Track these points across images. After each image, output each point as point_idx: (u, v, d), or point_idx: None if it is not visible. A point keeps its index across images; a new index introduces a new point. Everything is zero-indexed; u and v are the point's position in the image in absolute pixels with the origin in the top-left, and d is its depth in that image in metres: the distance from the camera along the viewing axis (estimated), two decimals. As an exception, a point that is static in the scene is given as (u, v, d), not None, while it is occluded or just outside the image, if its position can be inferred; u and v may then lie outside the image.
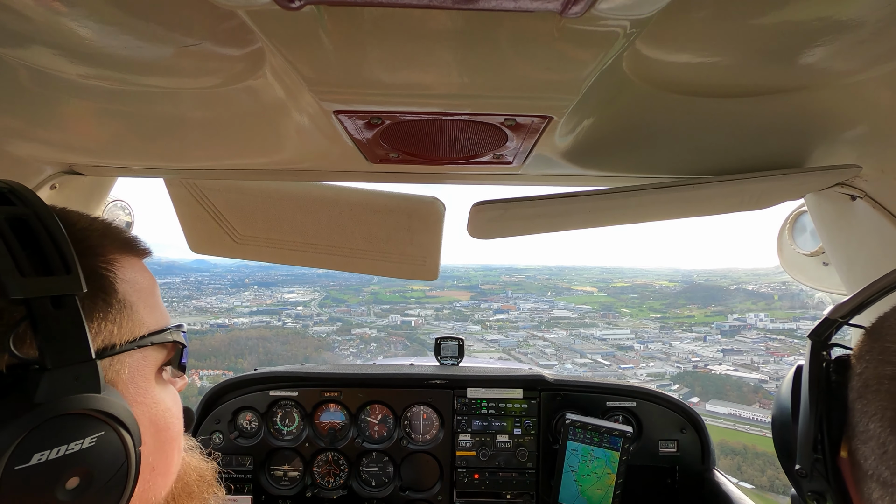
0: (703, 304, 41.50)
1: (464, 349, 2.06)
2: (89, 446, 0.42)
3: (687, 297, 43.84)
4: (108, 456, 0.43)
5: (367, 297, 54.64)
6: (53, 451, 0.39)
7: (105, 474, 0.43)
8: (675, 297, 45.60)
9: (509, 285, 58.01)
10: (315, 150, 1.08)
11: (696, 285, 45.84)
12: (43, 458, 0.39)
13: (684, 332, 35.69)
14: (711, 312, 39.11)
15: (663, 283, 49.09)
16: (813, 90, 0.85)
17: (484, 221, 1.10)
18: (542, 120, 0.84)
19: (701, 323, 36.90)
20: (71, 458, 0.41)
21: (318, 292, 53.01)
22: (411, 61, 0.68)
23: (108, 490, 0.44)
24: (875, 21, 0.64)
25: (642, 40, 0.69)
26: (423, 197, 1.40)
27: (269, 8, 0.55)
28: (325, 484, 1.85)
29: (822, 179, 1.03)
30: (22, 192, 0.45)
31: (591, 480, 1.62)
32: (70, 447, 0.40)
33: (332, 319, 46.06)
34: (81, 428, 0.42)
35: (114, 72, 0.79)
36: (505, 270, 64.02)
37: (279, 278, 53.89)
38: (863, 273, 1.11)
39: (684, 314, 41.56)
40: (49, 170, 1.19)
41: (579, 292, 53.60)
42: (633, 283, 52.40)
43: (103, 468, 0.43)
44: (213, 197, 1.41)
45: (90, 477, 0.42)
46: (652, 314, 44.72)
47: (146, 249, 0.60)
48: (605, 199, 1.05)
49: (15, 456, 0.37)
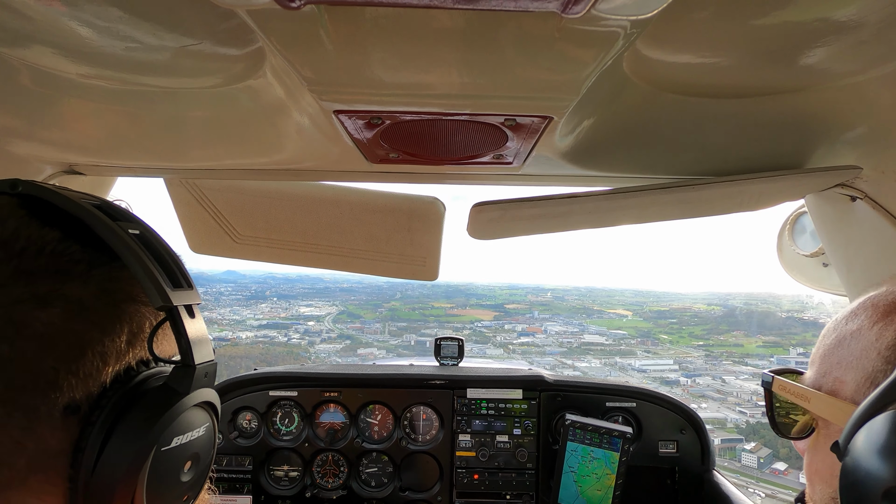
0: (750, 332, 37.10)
1: (463, 349, 2.06)
2: (202, 434, 0.48)
3: (730, 323, 39.80)
4: (209, 443, 0.50)
5: (384, 314, 52.09)
6: (185, 435, 0.46)
7: (205, 460, 0.50)
8: (716, 322, 41.67)
9: (535, 305, 54.40)
10: (315, 150, 1.08)
11: (737, 310, 41.84)
12: (179, 441, 0.45)
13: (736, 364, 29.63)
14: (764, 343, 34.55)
15: (701, 307, 45.37)
16: (813, 91, 0.85)
17: (484, 222, 1.10)
18: (543, 120, 0.84)
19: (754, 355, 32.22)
20: (193, 444, 0.47)
21: (336, 306, 50.70)
22: (411, 61, 0.68)
23: (202, 473, 0.50)
24: (875, 22, 0.64)
25: (643, 40, 0.69)
26: (423, 197, 1.40)
27: (269, 7, 0.55)
28: (325, 484, 1.85)
29: (823, 180, 1.03)
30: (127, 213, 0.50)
31: (591, 481, 1.62)
32: (193, 434, 0.47)
33: (341, 337, 43.89)
34: (202, 417, 0.48)
35: (114, 72, 0.79)
36: (531, 290, 60.50)
37: (301, 291, 51.94)
38: (863, 274, 1.11)
39: (730, 342, 37.37)
40: (49, 169, 1.19)
41: (612, 315, 49.77)
42: (670, 306, 48.75)
43: (205, 454, 0.50)
44: (213, 197, 1.41)
45: (198, 461, 0.49)
46: (693, 341, 40.23)
47: None
48: (605, 200, 1.05)
49: (164, 438, 0.43)
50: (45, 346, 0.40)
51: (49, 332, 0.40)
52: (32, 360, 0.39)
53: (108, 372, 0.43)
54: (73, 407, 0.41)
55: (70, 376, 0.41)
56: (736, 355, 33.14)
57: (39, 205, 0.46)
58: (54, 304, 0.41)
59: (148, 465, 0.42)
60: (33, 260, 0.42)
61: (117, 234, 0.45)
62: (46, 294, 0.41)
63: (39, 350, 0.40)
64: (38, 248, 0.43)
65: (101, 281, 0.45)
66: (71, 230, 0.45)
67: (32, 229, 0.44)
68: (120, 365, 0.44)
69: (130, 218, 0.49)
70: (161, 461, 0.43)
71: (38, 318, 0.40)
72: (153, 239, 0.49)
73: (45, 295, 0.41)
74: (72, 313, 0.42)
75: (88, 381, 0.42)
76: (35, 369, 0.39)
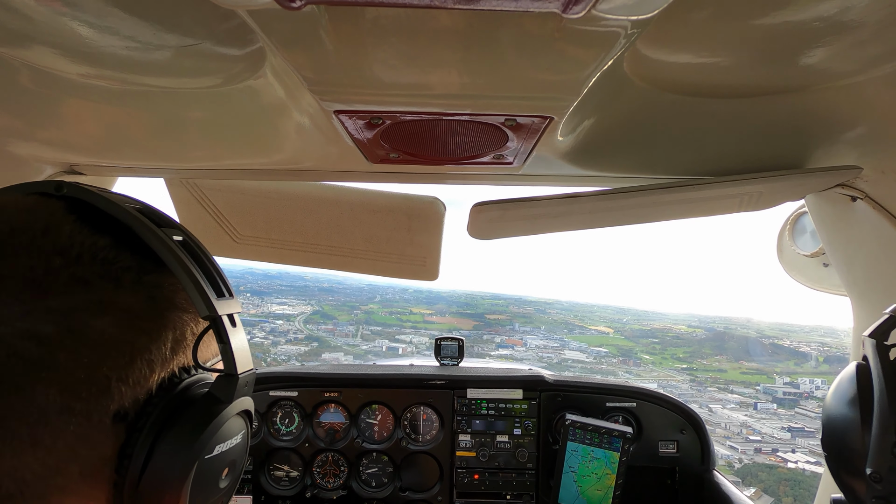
0: (733, 357, 35.36)
1: (464, 350, 2.06)
2: (238, 442, 0.49)
3: (713, 347, 38.10)
4: (243, 451, 0.51)
5: (360, 316, 49.77)
6: (226, 443, 0.46)
7: (239, 467, 0.51)
8: (698, 344, 39.76)
9: (517, 317, 52.16)
10: (315, 150, 1.08)
11: (720, 334, 40.17)
12: (221, 450, 0.46)
13: (721, 391, 26.94)
14: (748, 369, 32.73)
15: (682, 329, 43.53)
16: (813, 91, 0.85)
17: (484, 222, 1.10)
18: (543, 120, 0.84)
19: (739, 382, 29.83)
20: (230, 452, 0.47)
21: (312, 306, 48.29)
22: (412, 61, 0.68)
23: (236, 479, 0.51)
24: (875, 22, 0.64)
25: (643, 41, 0.69)
26: (424, 197, 1.40)
27: (269, 7, 0.55)
28: (325, 484, 1.85)
29: (823, 180, 1.04)
30: (169, 219, 0.50)
31: (591, 481, 1.62)
32: (231, 441, 0.47)
33: (309, 338, 41.35)
34: (239, 425, 0.49)
35: (114, 72, 0.79)
36: (514, 300, 58.23)
37: (278, 288, 49.94)
38: (863, 274, 1.11)
39: (713, 366, 35.73)
40: (49, 170, 1.19)
41: (593, 332, 47.90)
42: (651, 326, 46.89)
43: (240, 461, 0.50)
44: (213, 197, 1.41)
45: (234, 468, 0.49)
46: (676, 363, 38.41)
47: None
48: (605, 200, 1.05)
49: (208, 448, 0.44)
50: (100, 354, 0.40)
51: (103, 339, 0.41)
52: (88, 368, 0.40)
53: (154, 379, 0.44)
54: (122, 414, 0.42)
55: (120, 384, 0.41)
56: (720, 381, 30.95)
57: (83, 208, 0.45)
58: (108, 312, 0.42)
59: (193, 472, 0.43)
60: (88, 267, 0.42)
61: (164, 243, 0.45)
62: (100, 302, 0.42)
63: (95, 358, 0.40)
64: (91, 255, 0.43)
65: (149, 288, 0.45)
66: (119, 236, 0.45)
67: (85, 235, 0.44)
68: (165, 372, 0.45)
69: (173, 224, 0.50)
70: (204, 469, 0.44)
71: (94, 327, 0.40)
72: (196, 246, 0.49)
73: (100, 303, 0.42)
74: (123, 321, 0.42)
75: (137, 389, 0.43)
76: (91, 377, 0.40)
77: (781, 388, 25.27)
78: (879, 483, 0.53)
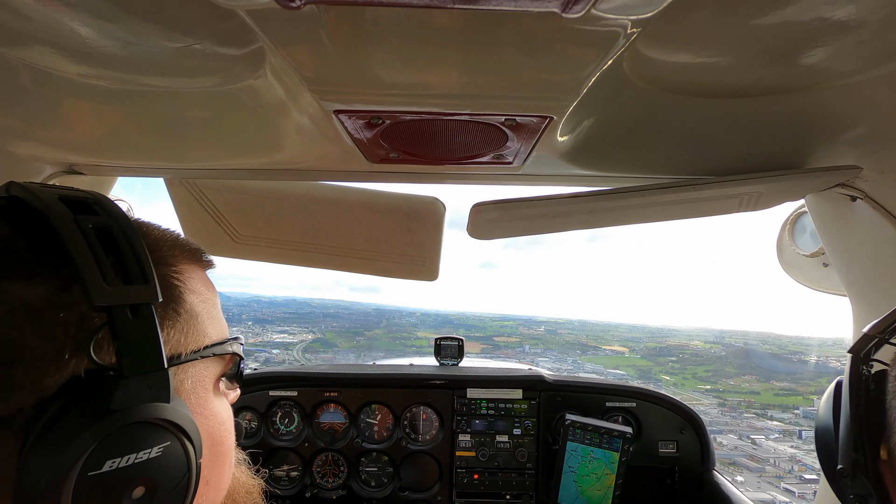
0: (763, 377, 31.52)
1: (463, 349, 2.06)
2: (156, 456, 0.42)
3: (737, 365, 34.75)
4: (172, 467, 0.43)
5: (362, 343, 47.33)
6: (124, 458, 0.40)
7: (168, 485, 0.43)
8: (719, 362, 36.62)
9: (527, 338, 49.60)
10: (315, 150, 1.08)
11: (741, 350, 36.99)
12: (114, 465, 0.39)
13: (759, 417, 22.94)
14: (780, 390, 29.53)
15: (699, 345, 40.85)
16: (813, 91, 0.85)
17: (484, 222, 1.10)
18: (543, 120, 0.84)
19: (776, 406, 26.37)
20: (139, 467, 0.41)
21: (314, 333, 45.95)
22: (412, 61, 0.68)
23: (169, 502, 0.44)
24: (875, 21, 0.64)
25: (642, 40, 0.69)
26: (424, 197, 1.40)
27: (269, 7, 0.55)
28: (325, 484, 1.85)
29: (823, 180, 1.04)
30: (104, 203, 0.46)
31: (591, 481, 1.62)
32: (139, 456, 0.41)
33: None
34: (151, 437, 0.42)
35: (114, 72, 0.79)
36: (523, 321, 55.98)
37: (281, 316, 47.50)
38: (863, 273, 1.11)
39: (742, 387, 31.85)
40: (49, 169, 1.19)
41: (608, 352, 45.32)
42: (667, 343, 44.01)
43: (167, 479, 0.43)
44: (213, 197, 1.41)
45: (154, 487, 0.42)
46: (699, 384, 34.65)
47: (210, 261, 0.62)
48: (605, 200, 1.05)
49: (89, 461, 0.38)
50: None
51: None
52: None
53: (47, 382, 0.39)
54: (6, 421, 0.38)
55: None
56: (756, 406, 26.81)
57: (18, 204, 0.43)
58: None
59: (70, 489, 0.37)
60: None
61: (67, 227, 0.41)
62: None
63: None
64: None
65: (48, 280, 0.41)
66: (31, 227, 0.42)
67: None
68: (62, 374, 0.40)
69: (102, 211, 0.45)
70: (89, 486, 0.38)
71: None
72: (118, 232, 0.44)
73: None
74: (9, 317, 0.39)
75: (18, 393, 0.38)
76: None
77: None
78: (849, 478, 0.58)
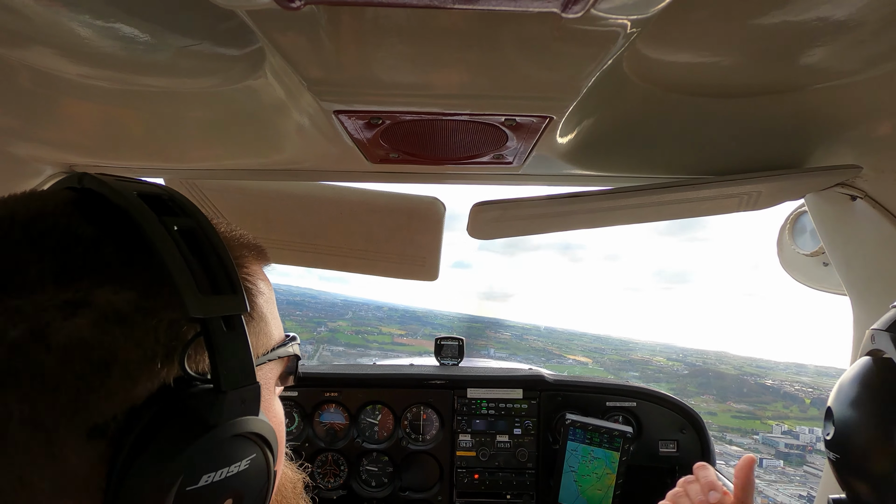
0: (720, 398, 30.61)
1: (464, 349, 2.06)
2: (245, 468, 0.42)
3: (698, 385, 33.79)
4: (257, 477, 0.43)
5: (323, 334, 45.02)
6: (218, 472, 0.39)
7: (252, 495, 0.43)
8: (682, 381, 35.59)
9: (493, 342, 47.91)
10: (315, 150, 1.08)
11: (702, 370, 36.11)
12: (209, 479, 0.39)
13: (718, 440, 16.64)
14: (738, 412, 28.61)
15: (662, 361, 39.86)
16: (813, 91, 0.85)
17: (484, 222, 1.10)
18: (543, 120, 0.84)
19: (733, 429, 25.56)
20: (230, 480, 0.41)
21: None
22: (412, 61, 0.68)
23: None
24: (875, 21, 0.64)
25: (642, 40, 0.69)
26: (423, 197, 1.40)
27: (269, 8, 0.55)
28: (325, 484, 1.85)
29: (822, 180, 1.04)
30: (181, 201, 0.44)
31: (591, 481, 1.62)
32: (230, 469, 0.40)
33: None
34: (242, 450, 0.42)
35: (114, 72, 0.79)
36: (490, 324, 54.79)
37: None
38: (863, 273, 1.11)
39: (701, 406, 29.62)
40: (49, 170, 1.19)
41: (571, 361, 44.46)
42: (630, 357, 43.03)
43: (252, 489, 0.43)
44: (213, 197, 1.41)
45: (241, 498, 0.42)
46: None
47: (269, 258, 0.59)
48: (605, 200, 1.05)
49: (188, 476, 0.37)
50: (68, 361, 0.35)
51: (73, 344, 0.35)
52: (54, 377, 0.35)
53: (138, 391, 0.38)
54: (101, 429, 0.36)
55: (92, 394, 0.36)
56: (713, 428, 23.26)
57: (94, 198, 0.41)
58: (81, 313, 0.36)
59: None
60: (61, 260, 0.37)
61: (155, 229, 0.39)
62: (73, 301, 0.36)
63: (61, 365, 0.35)
64: (65, 247, 0.38)
65: (136, 285, 0.39)
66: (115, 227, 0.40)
67: (72, 226, 0.39)
68: (153, 383, 0.39)
69: (183, 212, 0.43)
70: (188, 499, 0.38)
71: (62, 329, 0.35)
72: (202, 236, 0.42)
73: (73, 302, 0.36)
74: (101, 323, 0.37)
75: (114, 401, 0.37)
76: (56, 387, 0.35)
77: (781, 437, 20.44)
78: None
